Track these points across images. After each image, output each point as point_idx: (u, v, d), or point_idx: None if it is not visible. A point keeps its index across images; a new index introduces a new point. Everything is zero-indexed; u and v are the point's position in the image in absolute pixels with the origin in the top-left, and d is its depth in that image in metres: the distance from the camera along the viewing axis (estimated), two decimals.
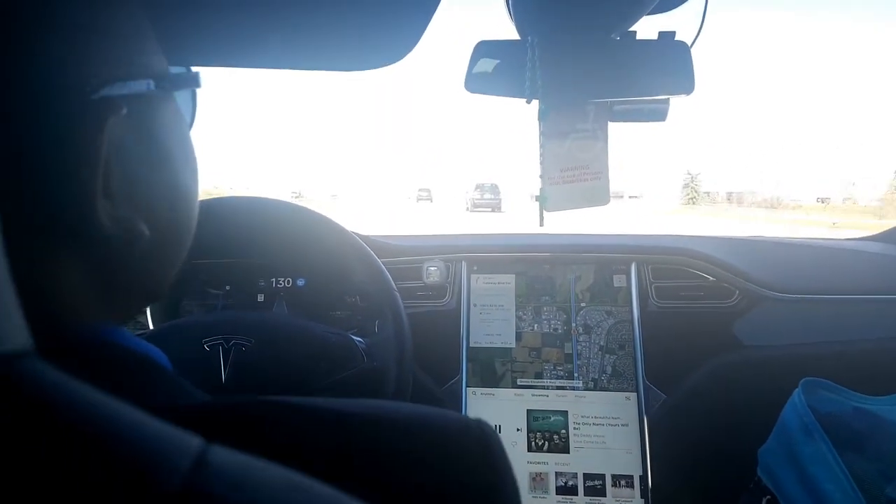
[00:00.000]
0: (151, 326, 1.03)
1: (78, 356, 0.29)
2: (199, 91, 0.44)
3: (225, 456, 0.20)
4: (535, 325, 1.11)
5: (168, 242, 0.36)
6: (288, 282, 1.09)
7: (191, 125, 0.42)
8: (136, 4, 0.34)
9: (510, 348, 1.10)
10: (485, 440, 0.34)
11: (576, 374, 1.08)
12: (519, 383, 1.08)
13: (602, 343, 1.09)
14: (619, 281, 1.12)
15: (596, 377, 1.07)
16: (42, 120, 0.27)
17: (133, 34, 0.33)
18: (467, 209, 28.27)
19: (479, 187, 29.24)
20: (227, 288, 1.09)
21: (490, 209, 27.70)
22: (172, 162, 0.36)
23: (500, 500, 0.32)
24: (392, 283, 0.90)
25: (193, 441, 0.20)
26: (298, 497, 0.21)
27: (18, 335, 0.20)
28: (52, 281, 0.30)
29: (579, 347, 1.09)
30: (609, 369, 1.07)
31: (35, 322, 0.25)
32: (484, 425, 0.35)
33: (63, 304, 0.30)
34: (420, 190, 46.25)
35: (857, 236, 1.42)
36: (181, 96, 0.40)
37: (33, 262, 0.29)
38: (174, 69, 0.38)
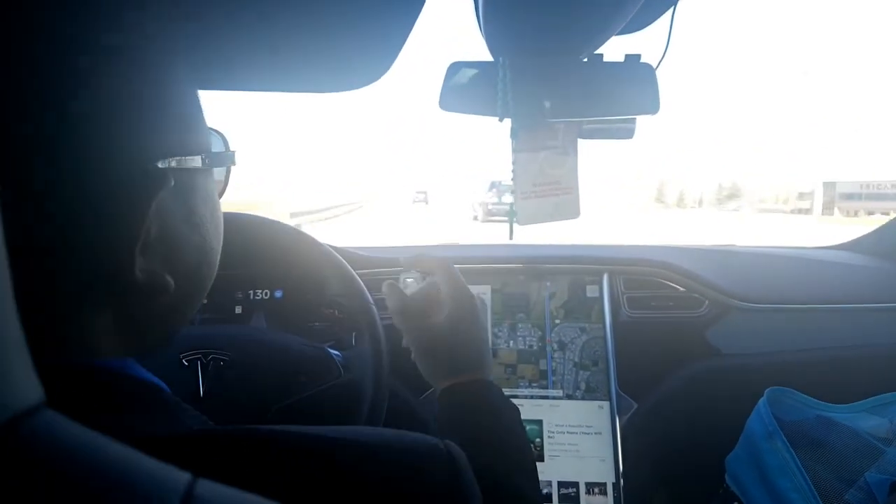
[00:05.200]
0: None
1: (87, 388, 0.32)
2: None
3: (211, 490, 0.23)
4: (511, 342, 1.13)
5: (189, 295, 0.40)
6: (266, 294, 1.10)
7: (221, 195, 0.46)
8: (194, 86, 0.39)
9: None
10: (452, 461, 0.36)
11: (551, 394, 1.10)
12: None
13: (576, 359, 1.11)
14: (592, 291, 1.15)
15: (570, 392, 1.10)
16: (101, 183, 0.31)
17: (188, 113, 0.38)
18: (475, 218, 21.07)
19: (496, 187, 20.03)
20: (205, 301, 1.09)
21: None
22: (204, 226, 0.40)
23: None
24: (368, 295, 0.91)
25: (182, 476, 0.22)
26: None
27: (31, 389, 0.22)
28: (80, 326, 0.33)
29: (554, 364, 1.11)
30: (583, 385, 1.10)
31: (52, 366, 0.28)
32: (451, 447, 0.37)
33: (85, 347, 0.33)
34: (417, 192, 45.55)
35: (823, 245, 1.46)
36: (218, 169, 0.44)
37: (65, 308, 0.32)
38: (215, 147, 0.43)
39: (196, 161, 0.37)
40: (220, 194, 0.45)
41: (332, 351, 0.88)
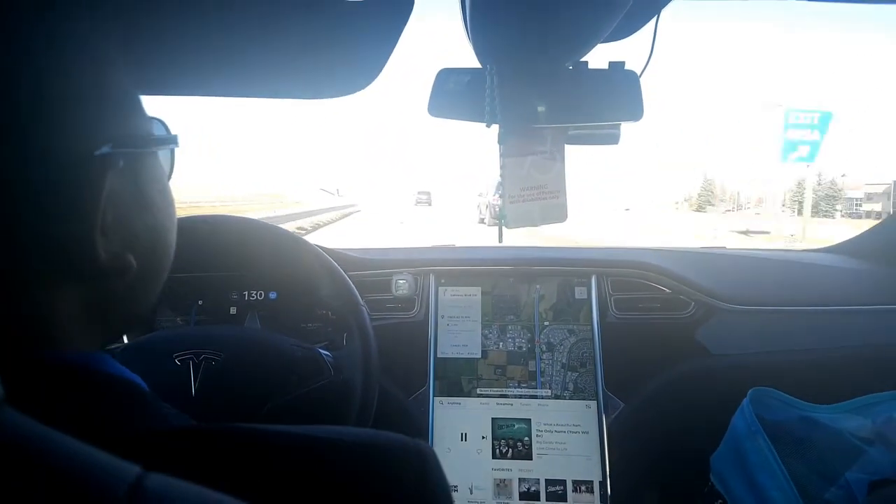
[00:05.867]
0: (126, 341, 1.05)
1: (56, 384, 0.33)
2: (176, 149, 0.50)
3: (160, 482, 0.24)
4: (501, 344, 1.15)
5: (149, 275, 0.42)
6: (260, 295, 1.12)
7: (169, 177, 0.47)
8: (126, 75, 0.40)
9: (476, 359, 1.14)
10: (421, 459, 0.37)
11: (540, 393, 1.12)
12: (484, 393, 1.12)
13: (564, 360, 1.13)
14: (580, 293, 1.17)
15: (559, 393, 1.12)
16: (52, 171, 0.33)
17: (128, 99, 0.39)
18: (482, 220, 19.93)
19: None
20: (200, 302, 1.11)
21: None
22: (155, 207, 0.41)
23: None
24: (358, 296, 0.92)
25: (131, 469, 0.24)
26: None
27: None
28: (48, 315, 0.34)
29: (543, 365, 1.13)
30: (571, 386, 1.12)
31: (13, 355, 0.29)
32: (422, 445, 0.38)
33: (56, 333, 0.35)
34: (419, 193, 44.98)
35: (811, 248, 1.48)
36: (162, 152, 0.46)
37: (34, 298, 0.34)
38: (157, 132, 0.45)
39: (141, 144, 0.39)
40: (169, 176, 0.47)
41: (322, 351, 0.90)
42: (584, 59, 0.84)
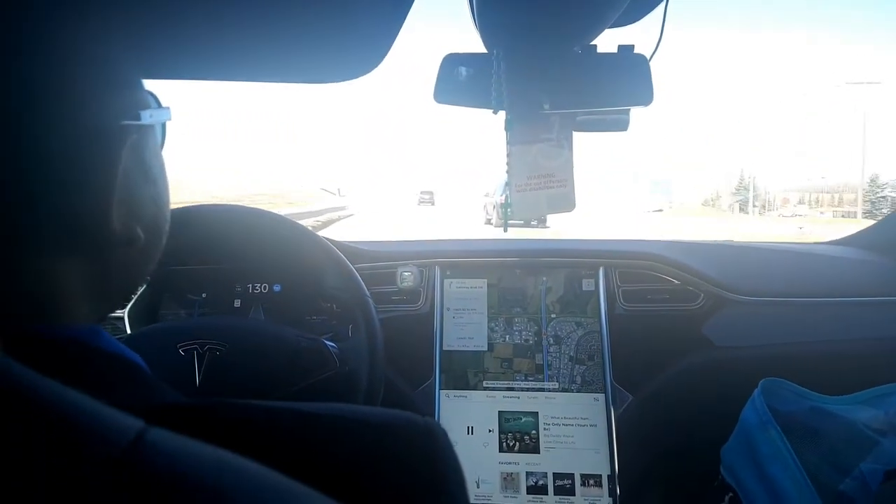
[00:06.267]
0: (129, 331, 1.04)
1: (54, 357, 0.32)
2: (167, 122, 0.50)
3: (163, 435, 0.23)
4: (507, 336, 1.14)
5: (151, 246, 0.42)
6: (265, 287, 1.11)
7: (161, 148, 0.47)
8: (127, 52, 0.41)
9: (482, 352, 1.12)
10: (431, 437, 0.35)
11: (547, 386, 1.11)
12: (491, 385, 1.11)
13: (572, 353, 1.12)
14: (588, 285, 1.15)
15: (566, 386, 1.10)
16: (71, 143, 0.33)
17: (133, 74, 0.40)
18: (489, 221, 18.47)
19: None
20: (204, 295, 1.10)
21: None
22: (156, 178, 0.42)
23: (445, 493, 0.34)
24: (364, 288, 0.92)
25: (134, 422, 0.23)
26: (228, 475, 0.23)
27: None
28: (51, 285, 0.34)
29: (550, 358, 1.12)
30: (579, 379, 1.10)
31: (21, 335, 0.28)
32: (431, 422, 0.37)
33: (56, 307, 0.34)
34: (422, 192, 44.63)
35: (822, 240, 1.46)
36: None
37: (36, 267, 0.34)
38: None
39: (145, 116, 0.39)
40: (161, 148, 0.48)
41: (328, 343, 0.89)
42: (592, 42, 0.83)
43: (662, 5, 0.83)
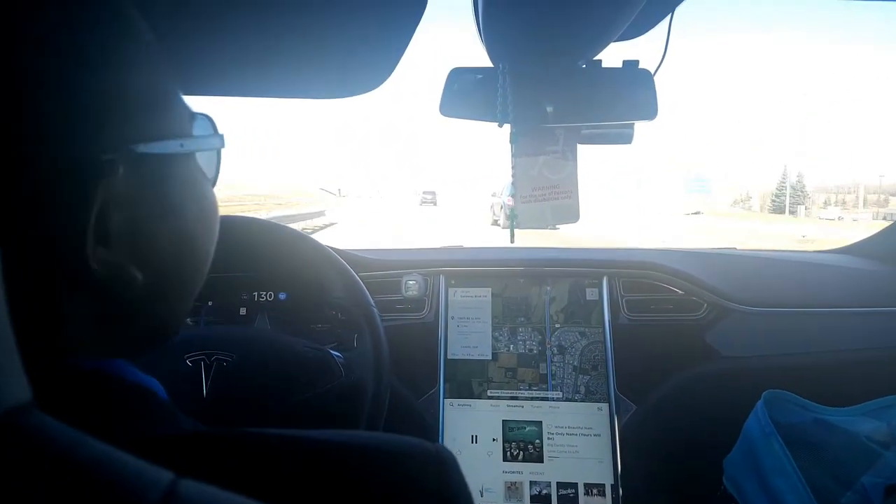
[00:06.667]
0: None
1: (75, 390, 0.33)
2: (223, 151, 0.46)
3: (194, 489, 0.23)
4: (511, 346, 1.14)
5: (172, 287, 0.39)
6: (270, 296, 1.12)
7: (214, 182, 0.44)
8: (164, 69, 0.37)
9: (486, 361, 1.13)
10: (441, 464, 0.36)
11: (551, 395, 1.11)
12: (495, 395, 1.11)
13: (576, 363, 1.12)
14: (591, 294, 1.16)
15: (570, 396, 1.11)
16: (44, 173, 0.30)
17: (153, 98, 0.36)
18: (495, 222, 18.43)
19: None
20: (210, 303, 1.11)
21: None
22: (182, 216, 0.38)
23: None
24: (369, 297, 0.92)
25: (164, 475, 0.23)
26: None
27: (19, 388, 0.23)
28: (55, 321, 0.33)
29: (554, 368, 1.12)
30: (582, 389, 1.11)
31: (36, 362, 0.29)
32: (442, 450, 0.37)
33: (67, 343, 0.34)
34: (424, 192, 44.25)
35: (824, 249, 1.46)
36: (204, 156, 0.42)
37: (39, 306, 0.32)
38: (198, 132, 0.41)
39: (167, 146, 0.36)
40: (213, 181, 0.44)
41: (333, 352, 0.89)
42: (597, 57, 0.84)
43: (667, 19, 0.84)
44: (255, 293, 1.12)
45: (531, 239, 1.19)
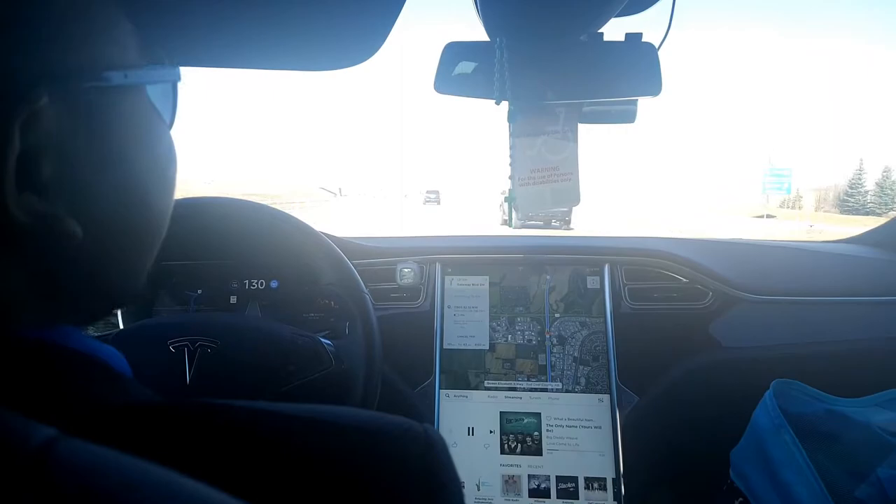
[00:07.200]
0: (122, 327, 1.02)
1: (13, 360, 0.29)
2: (181, 87, 0.41)
3: (76, 446, 0.21)
4: (509, 336, 1.11)
5: (119, 245, 0.35)
6: (261, 283, 1.08)
7: (170, 124, 0.39)
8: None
9: (483, 351, 1.09)
10: (428, 445, 0.33)
11: (550, 386, 1.07)
12: (492, 386, 1.08)
13: (576, 354, 1.09)
14: (592, 283, 1.12)
15: (570, 388, 1.07)
16: None
17: (90, 17, 0.32)
18: (506, 222, 16.91)
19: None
20: (200, 291, 1.08)
21: None
22: (129, 162, 0.34)
23: (442, 502, 0.32)
24: (362, 285, 0.89)
25: (45, 431, 0.21)
26: (137, 491, 0.21)
27: None
28: None
29: (553, 359, 1.09)
30: (583, 381, 1.07)
31: None
32: (429, 429, 0.34)
33: (5, 308, 0.30)
34: (428, 192, 43.68)
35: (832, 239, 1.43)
36: (157, 93, 0.37)
37: None
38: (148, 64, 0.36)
39: (107, 78, 0.31)
40: (170, 123, 0.39)
41: (324, 340, 0.86)
42: (599, 31, 0.80)
43: None
44: (246, 281, 1.09)
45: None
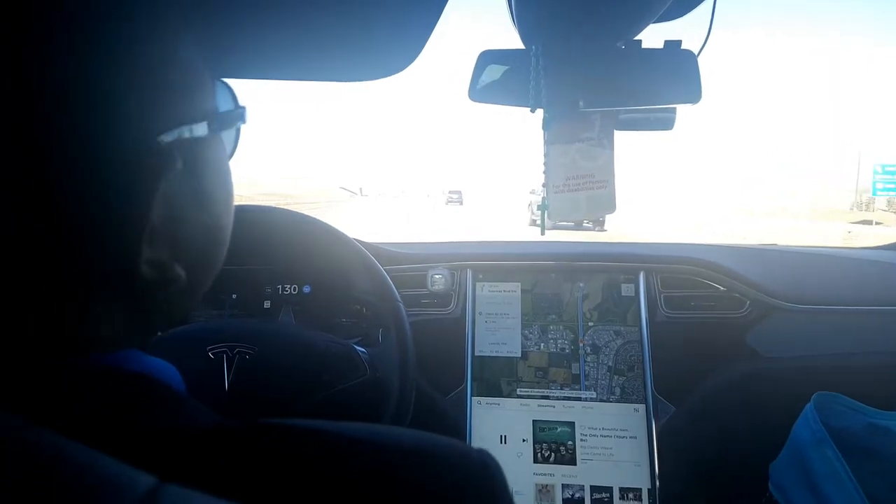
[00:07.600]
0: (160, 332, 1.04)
1: (80, 385, 0.29)
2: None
3: (178, 495, 0.21)
4: (542, 345, 1.10)
5: (200, 280, 0.37)
6: (294, 289, 1.10)
7: (229, 157, 0.41)
8: (194, 48, 0.34)
9: (516, 359, 1.09)
10: (486, 471, 0.33)
11: (584, 395, 1.06)
12: (525, 394, 1.07)
13: (610, 364, 1.07)
14: (627, 290, 1.11)
15: (605, 397, 1.06)
16: (101, 168, 0.27)
17: (191, 73, 0.33)
18: (534, 223, 16.86)
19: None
20: (235, 295, 1.09)
21: None
22: (215, 203, 0.35)
23: None
24: (395, 292, 0.89)
25: (146, 480, 0.21)
26: None
27: None
28: (85, 324, 0.30)
29: (587, 368, 1.08)
30: (618, 390, 1.06)
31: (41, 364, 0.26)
32: (485, 455, 0.34)
33: (90, 342, 0.31)
34: (450, 192, 43.91)
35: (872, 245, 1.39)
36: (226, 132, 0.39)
37: (66, 303, 0.29)
38: (223, 107, 0.37)
39: (202, 128, 0.32)
40: (231, 155, 0.41)
41: (358, 348, 0.87)
42: (636, 38, 0.79)
43: None
44: (280, 286, 1.10)
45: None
